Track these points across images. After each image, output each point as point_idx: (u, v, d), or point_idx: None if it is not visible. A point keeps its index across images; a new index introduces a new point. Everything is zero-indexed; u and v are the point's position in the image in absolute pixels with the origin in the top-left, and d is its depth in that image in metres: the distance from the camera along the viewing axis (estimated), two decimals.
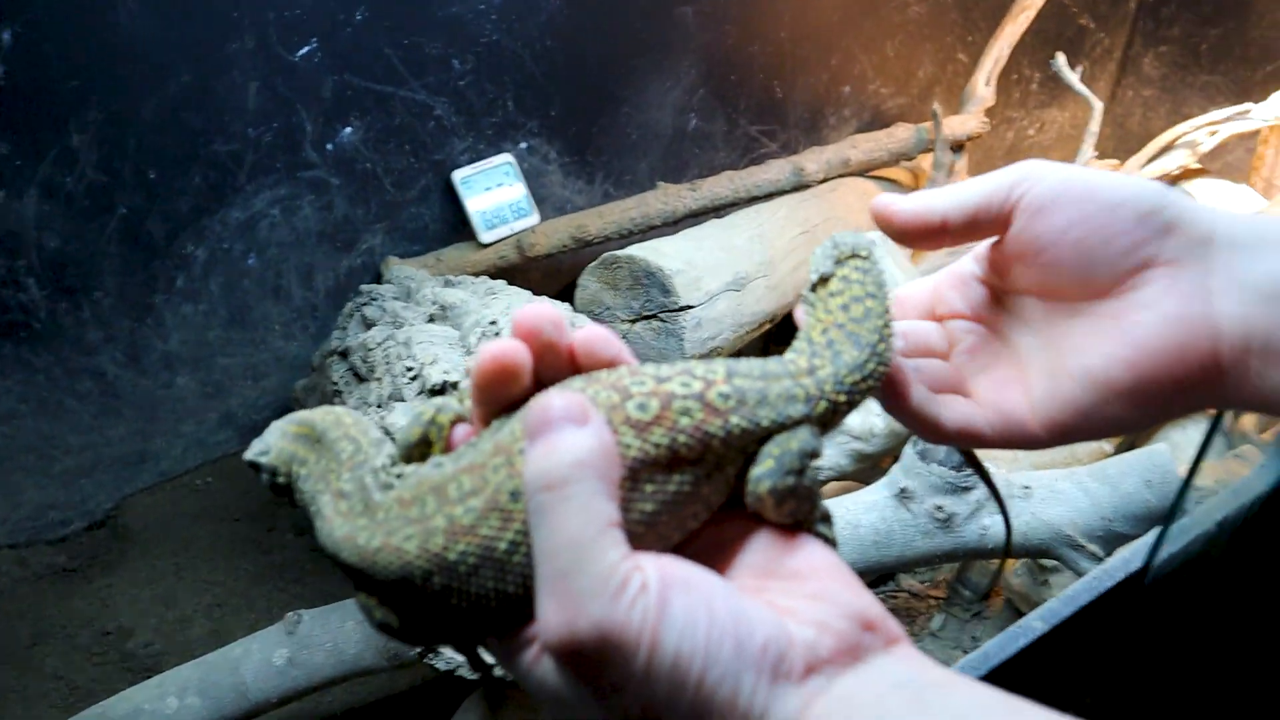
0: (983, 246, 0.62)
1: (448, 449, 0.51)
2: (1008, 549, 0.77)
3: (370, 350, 1.24)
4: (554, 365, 0.49)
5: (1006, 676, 1.03)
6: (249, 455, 0.57)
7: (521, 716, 1.30)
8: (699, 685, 0.41)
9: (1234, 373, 0.52)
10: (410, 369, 1.05)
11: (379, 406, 1.08)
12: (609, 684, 0.41)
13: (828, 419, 0.51)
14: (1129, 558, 1.16)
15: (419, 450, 0.51)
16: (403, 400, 1.03)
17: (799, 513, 0.49)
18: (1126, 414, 0.55)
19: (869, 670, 0.44)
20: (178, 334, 1.78)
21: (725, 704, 0.41)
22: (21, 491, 1.76)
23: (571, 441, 0.42)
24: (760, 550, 0.49)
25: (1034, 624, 1.06)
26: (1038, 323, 0.60)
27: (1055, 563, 1.52)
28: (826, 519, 0.52)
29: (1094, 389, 0.54)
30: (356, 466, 0.51)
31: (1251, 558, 1.21)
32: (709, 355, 1.48)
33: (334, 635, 1.29)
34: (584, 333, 0.50)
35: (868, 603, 0.46)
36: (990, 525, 1.25)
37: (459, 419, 0.51)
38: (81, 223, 1.62)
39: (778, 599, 0.46)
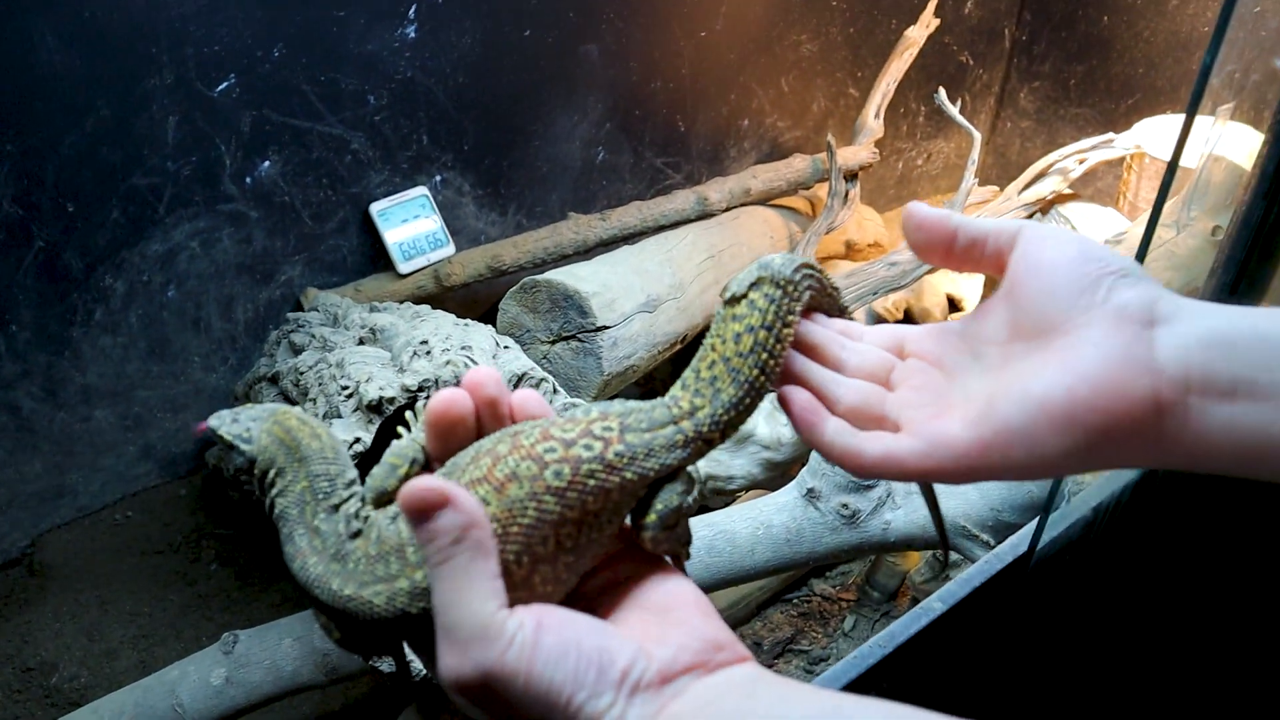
0: (973, 310, 0.66)
1: None
2: (946, 558, 0.87)
3: (302, 373, 1.28)
4: (495, 417, 0.60)
5: (911, 653, 1.12)
6: (224, 430, 0.62)
7: None
8: (568, 705, 0.51)
9: (1174, 413, 0.53)
10: (345, 388, 1.10)
11: None
12: (498, 708, 0.51)
13: (704, 452, 0.60)
14: (1016, 543, 1.26)
15: (389, 497, 0.59)
16: (340, 417, 1.08)
17: (674, 549, 0.61)
18: (1057, 443, 0.55)
19: (716, 677, 0.54)
20: (96, 367, 1.79)
21: (591, 716, 0.51)
22: None
23: (446, 522, 0.52)
24: (638, 589, 0.59)
25: (934, 605, 1.16)
26: (992, 362, 0.61)
27: (957, 559, 1.63)
28: (686, 547, 0.63)
29: (1028, 410, 0.55)
30: (330, 509, 0.59)
31: (1124, 539, 1.33)
32: (626, 372, 1.55)
33: (271, 653, 1.32)
34: (520, 394, 0.61)
35: (718, 628, 0.57)
36: (891, 520, 1.34)
37: (421, 469, 0.60)
38: None
39: (648, 628, 0.56)
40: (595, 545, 0.58)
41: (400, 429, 0.65)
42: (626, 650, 0.53)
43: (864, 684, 1.07)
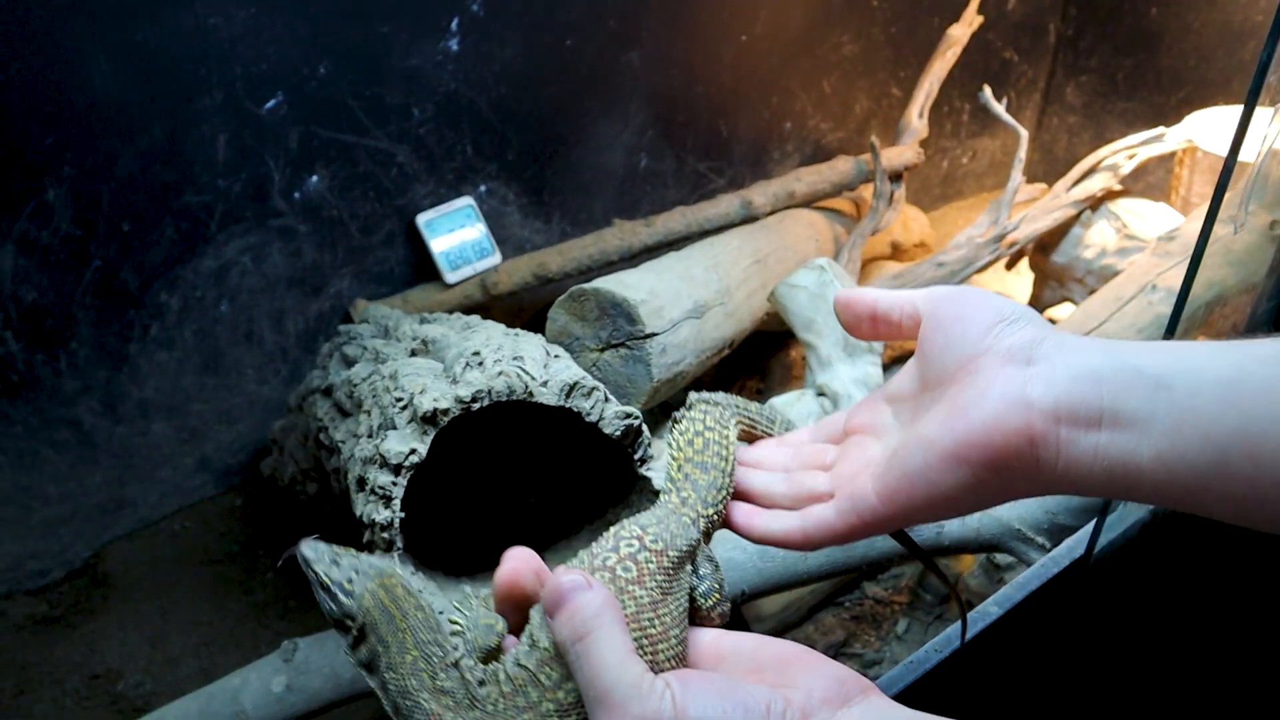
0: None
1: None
2: (963, 625, 0.93)
3: (355, 385, 1.30)
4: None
5: (967, 657, 1.11)
6: (323, 571, 0.67)
7: None
8: None
9: (1046, 443, 0.58)
10: (400, 399, 1.11)
11: (370, 436, 1.14)
12: None
13: (710, 530, 0.72)
14: (1073, 546, 1.25)
15: (494, 654, 0.67)
16: (395, 428, 1.10)
17: (723, 612, 0.70)
18: (950, 479, 0.60)
19: (853, 711, 0.57)
20: (153, 381, 1.82)
21: None
22: (0, 543, 1.79)
23: (585, 600, 0.58)
24: (744, 659, 0.64)
25: (990, 609, 1.15)
26: (905, 418, 0.69)
27: (1009, 562, 1.61)
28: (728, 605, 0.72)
29: (921, 453, 0.61)
30: (448, 667, 0.65)
31: (1182, 541, 1.31)
32: (675, 379, 1.56)
33: (330, 660, 1.33)
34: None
35: (836, 665, 0.61)
36: (945, 524, 1.33)
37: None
38: (57, 275, 1.66)
39: (772, 681, 0.60)
40: (678, 627, 0.65)
41: (458, 608, 0.73)
42: (763, 694, 0.56)
43: (920, 688, 1.06)
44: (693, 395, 0.79)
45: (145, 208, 1.70)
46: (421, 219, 1.94)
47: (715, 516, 0.72)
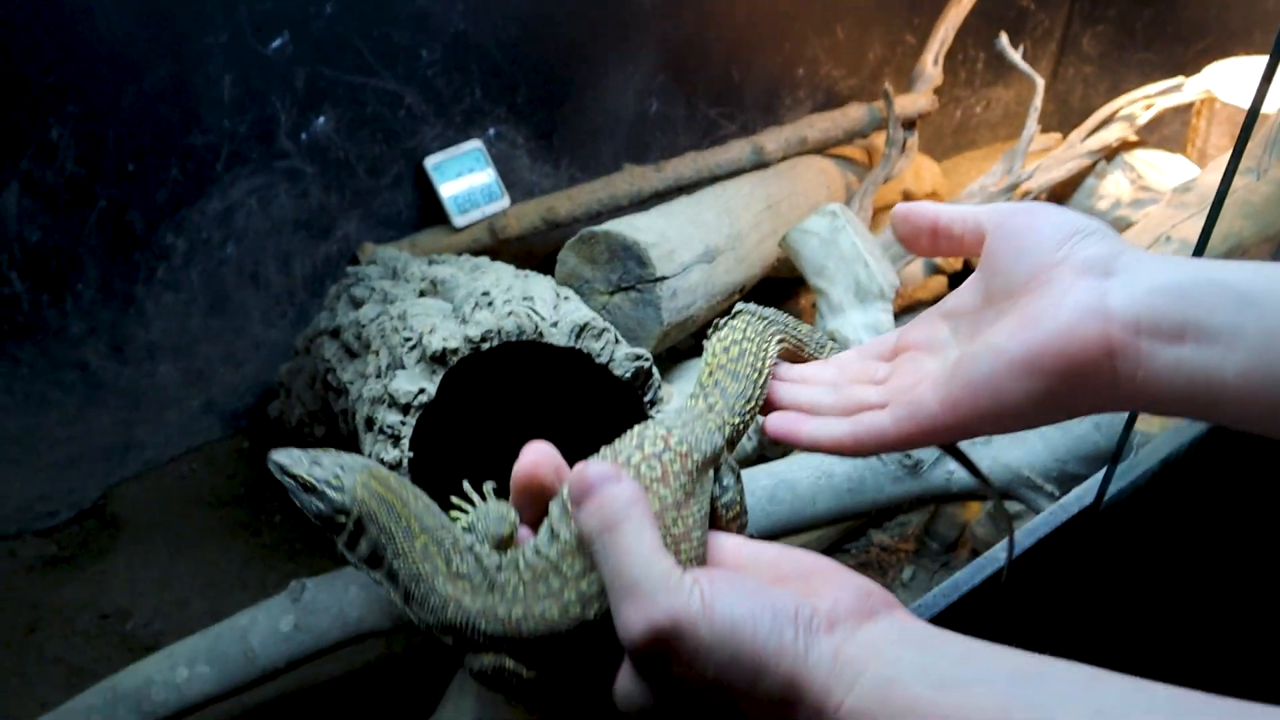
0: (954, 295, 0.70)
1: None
2: (1006, 521, 0.90)
3: (364, 326, 1.29)
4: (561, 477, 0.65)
5: (975, 603, 1.11)
6: (304, 473, 0.65)
7: None
8: (752, 642, 0.52)
9: (1125, 355, 0.56)
10: (409, 339, 1.10)
11: (379, 376, 1.14)
12: (684, 660, 0.53)
13: (735, 439, 0.71)
14: (1082, 494, 1.25)
15: (507, 542, 0.66)
16: (403, 368, 1.09)
17: (743, 524, 0.70)
18: (1019, 389, 0.58)
19: (879, 625, 0.56)
20: (159, 323, 1.82)
21: (774, 653, 0.53)
22: (8, 484, 1.79)
23: (615, 491, 0.56)
24: (768, 568, 0.62)
25: (999, 555, 1.15)
26: (965, 332, 0.67)
27: (1016, 510, 1.61)
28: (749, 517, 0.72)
29: (990, 362, 0.59)
30: (463, 550, 0.64)
31: (1191, 492, 1.31)
32: (685, 322, 1.55)
33: (338, 600, 1.34)
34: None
35: (863, 579, 0.59)
36: (955, 470, 1.33)
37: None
38: (62, 216, 1.65)
39: (798, 589, 0.58)
40: (700, 529, 0.64)
41: (469, 496, 0.72)
42: (791, 599, 0.55)
43: None
44: (740, 304, 0.77)
45: (150, 148, 1.68)
46: (430, 162, 1.92)
47: (741, 426, 0.71)
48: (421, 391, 1.05)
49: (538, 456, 0.64)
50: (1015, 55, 2.22)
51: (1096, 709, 0.47)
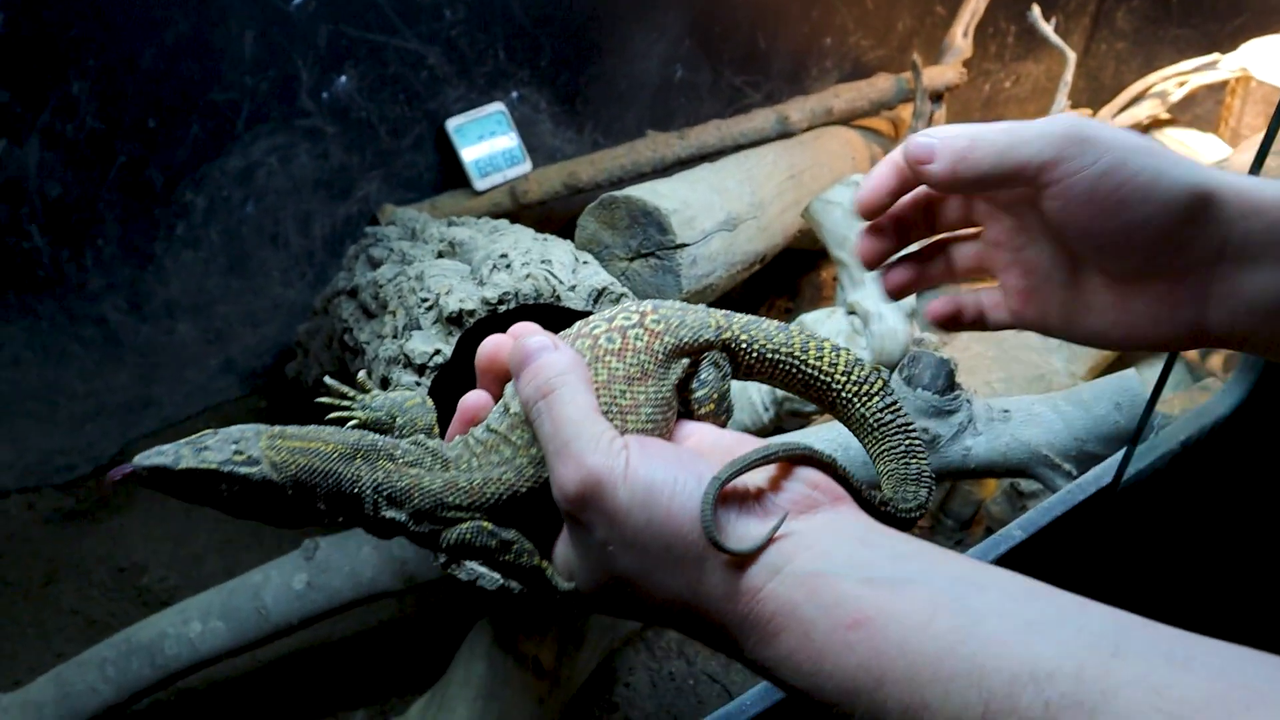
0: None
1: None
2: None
3: (381, 286, 1.28)
4: None
5: None
6: (201, 462, 0.60)
7: (527, 642, 1.36)
8: (668, 505, 0.53)
9: (1218, 343, 0.63)
10: (425, 300, 1.09)
11: (395, 337, 1.13)
12: (602, 520, 0.54)
13: (733, 352, 0.70)
14: (1100, 474, 1.23)
15: (432, 430, 0.68)
16: (420, 329, 1.08)
17: (722, 421, 0.69)
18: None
19: (818, 517, 0.55)
20: (178, 281, 1.82)
21: (689, 520, 0.53)
22: (28, 437, 1.80)
23: (552, 358, 0.58)
24: (722, 449, 0.61)
25: (1014, 532, 1.14)
26: (1057, 245, 0.65)
27: (1032, 489, 1.60)
28: (730, 416, 0.72)
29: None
30: (405, 449, 0.65)
31: (1211, 474, 1.29)
32: (704, 290, 1.53)
33: (351, 560, 1.34)
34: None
35: (817, 474, 0.58)
36: (972, 446, 1.32)
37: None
38: (83, 171, 1.65)
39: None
40: (661, 408, 0.65)
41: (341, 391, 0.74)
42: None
43: None
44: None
45: (171, 104, 1.67)
46: (451, 124, 1.91)
47: (743, 341, 0.70)
48: (437, 353, 1.05)
49: (499, 338, 0.66)
50: (1047, 28, 2.19)
51: (1028, 621, 0.46)
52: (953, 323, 0.74)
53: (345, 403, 0.72)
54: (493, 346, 0.66)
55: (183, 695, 1.48)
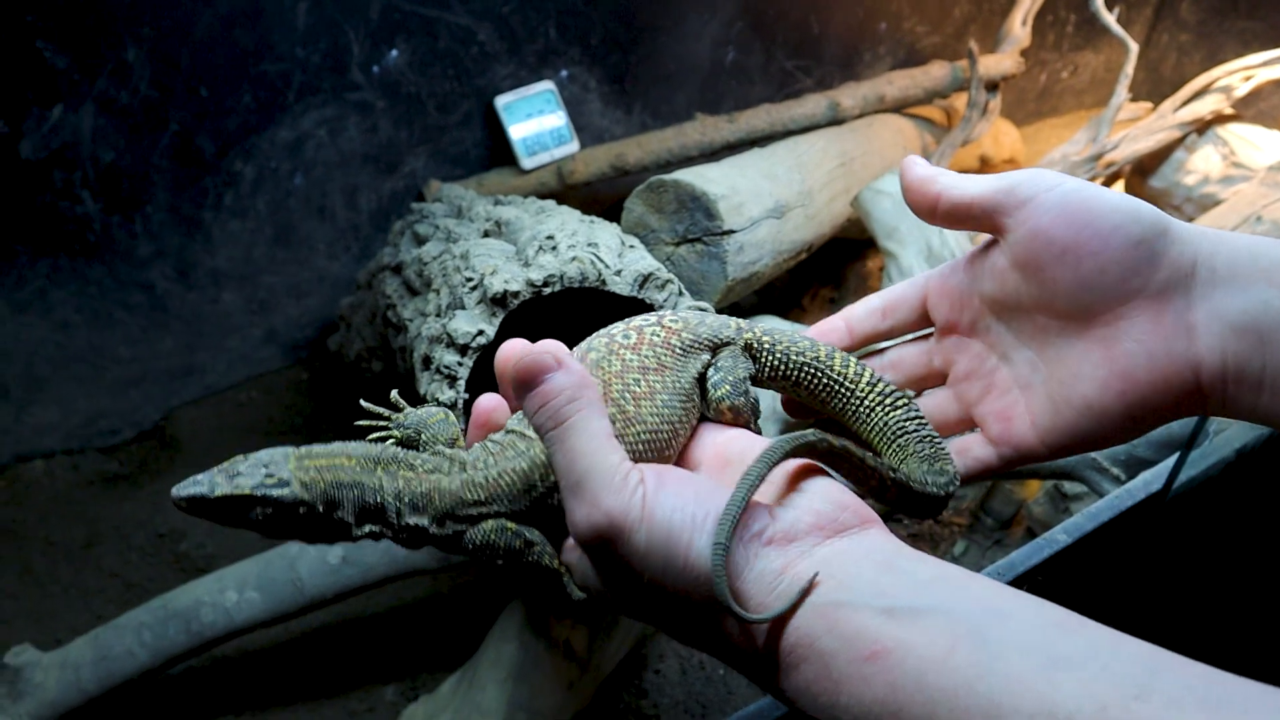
0: (975, 252, 0.67)
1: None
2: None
3: (426, 264, 1.28)
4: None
5: (1029, 585, 1.08)
6: (234, 489, 0.61)
7: (559, 626, 1.36)
8: (687, 550, 0.52)
9: (1214, 397, 0.58)
10: (470, 279, 1.09)
11: (438, 315, 1.13)
12: (621, 558, 0.53)
13: (754, 352, 0.70)
14: (1150, 480, 1.20)
15: (456, 442, 0.69)
16: (463, 309, 1.08)
17: (746, 420, 0.68)
18: (1121, 435, 0.62)
19: (843, 542, 0.55)
20: (225, 250, 1.83)
21: (708, 573, 0.52)
22: (74, 400, 1.82)
23: (559, 381, 0.56)
24: (748, 458, 0.59)
25: (1058, 536, 1.12)
26: (1029, 339, 0.65)
27: (1076, 491, 1.57)
28: (756, 419, 0.70)
29: (1093, 418, 0.61)
30: (422, 456, 0.66)
31: (1266, 484, 1.26)
32: (750, 278, 1.51)
33: None
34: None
35: (841, 490, 0.58)
36: None
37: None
38: (135, 137, 1.66)
39: (766, 488, 0.58)
40: (679, 397, 0.65)
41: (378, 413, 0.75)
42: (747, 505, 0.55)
43: None
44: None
45: (223, 73, 1.68)
46: (500, 101, 1.90)
47: (767, 344, 0.70)
48: (480, 333, 1.04)
49: (516, 345, 0.65)
50: (1109, 17, 2.13)
51: (1051, 657, 0.45)
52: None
53: (382, 423, 0.73)
54: (510, 353, 0.65)
55: (217, 663, 1.49)
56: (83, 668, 1.32)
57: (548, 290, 1.05)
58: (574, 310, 1.13)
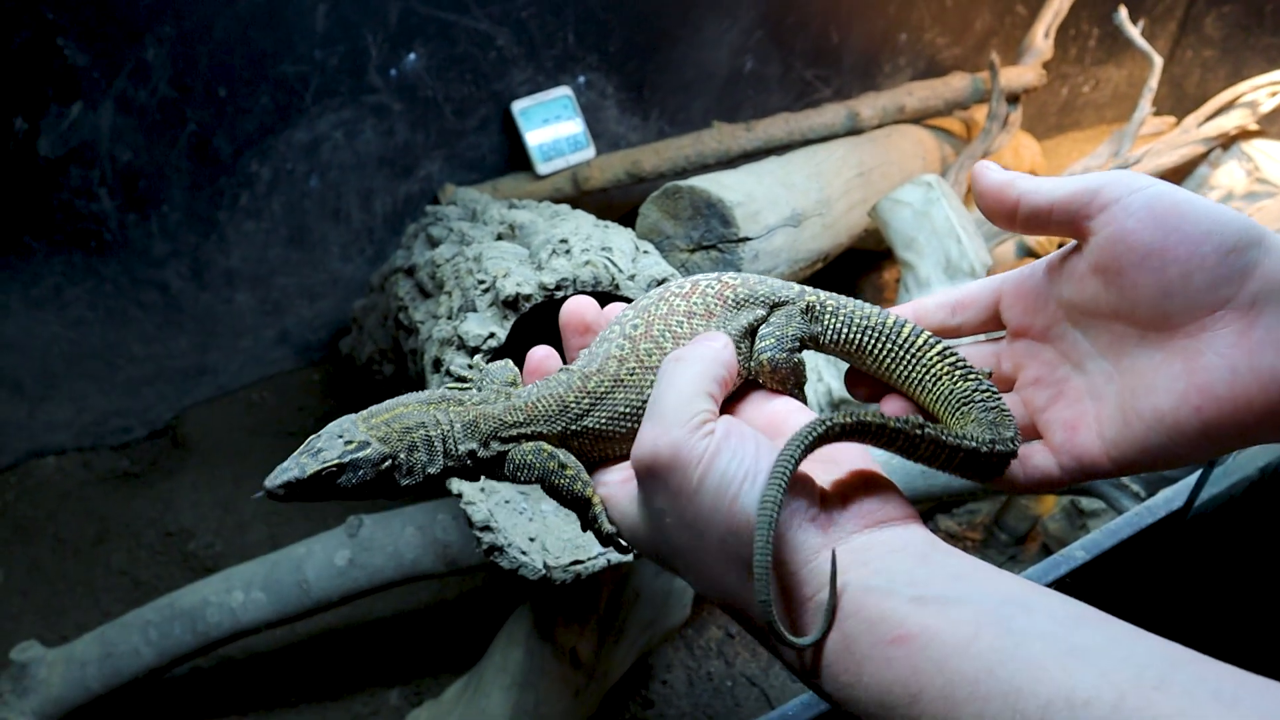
0: (1056, 257, 0.64)
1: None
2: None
3: (439, 266, 1.27)
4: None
5: None
6: (323, 463, 0.63)
7: (566, 633, 1.34)
8: (733, 501, 0.53)
9: None
10: (482, 282, 1.08)
11: (449, 318, 1.12)
12: (668, 493, 0.55)
13: (815, 315, 0.69)
14: (1171, 497, 1.18)
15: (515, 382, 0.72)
16: (475, 311, 1.07)
17: (788, 382, 0.68)
18: (1193, 453, 0.57)
19: (883, 533, 0.55)
20: (239, 251, 1.83)
21: (750, 523, 0.53)
22: (87, 397, 1.82)
23: (708, 343, 0.62)
24: (787, 429, 0.62)
25: (1076, 553, 1.10)
26: (1105, 349, 0.61)
27: (1094, 507, 1.55)
28: (801, 388, 0.70)
29: (1164, 433, 0.57)
30: (474, 393, 0.69)
31: None
32: None
33: (394, 540, 1.34)
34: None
35: (891, 487, 0.58)
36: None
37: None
38: (153, 137, 1.66)
39: (818, 474, 0.59)
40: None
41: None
42: (798, 477, 0.56)
43: None
44: None
45: (241, 74, 1.68)
46: (517, 106, 1.89)
47: (831, 308, 0.69)
48: (491, 336, 1.03)
49: (582, 300, 0.70)
50: (1134, 30, 2.12)
51: (1072, 647, 0.45)
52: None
53: (467, 385, 0.75)
54: (577, 306, 0.69)
55: (222, 663, 1.49)
56: (88, 665, 1.32)
57: (560, 294, 1.04)
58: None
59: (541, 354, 0.71)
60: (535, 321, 1.07)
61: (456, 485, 1.06)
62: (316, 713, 1.45)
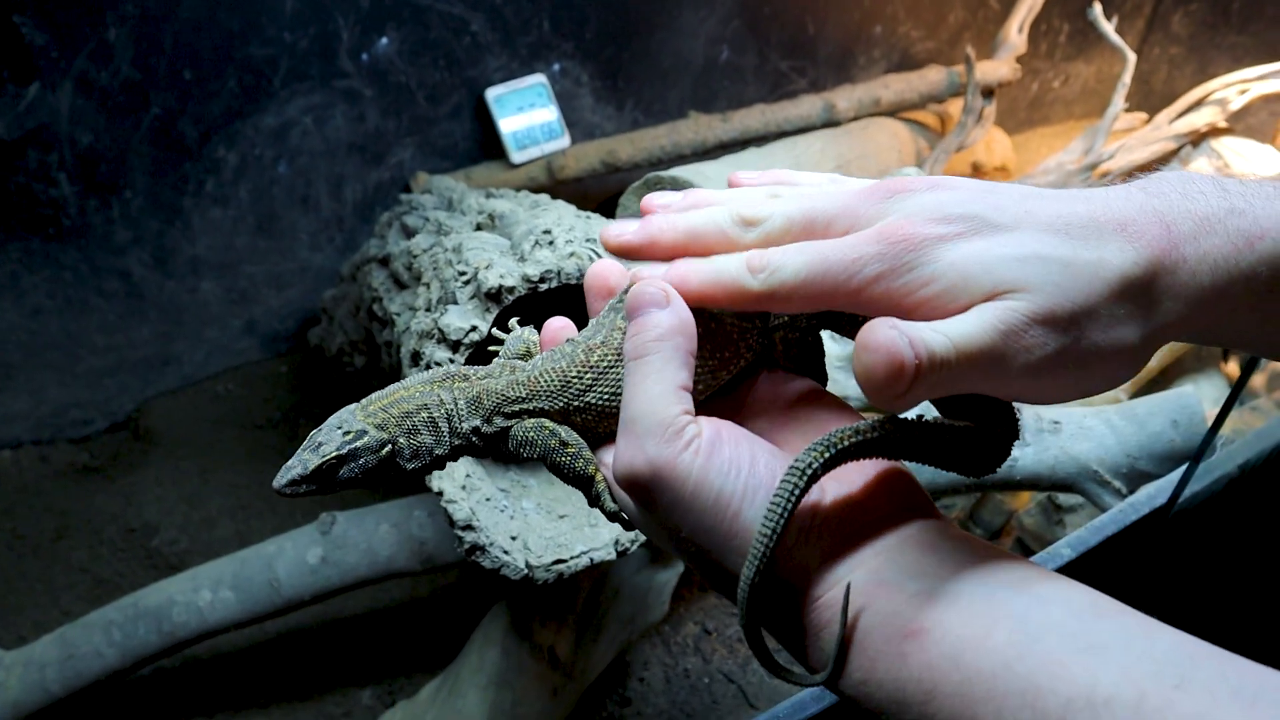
0: None
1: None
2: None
3: (415, 256, 1.24)
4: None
5: None
6: (326, 456, 0.62)
7: (544, 631, 1.32)
8: (734, 517, 0.51)
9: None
10: (463, 273, 1.05)
11: (429, 310, 1.09)
12: (660, 508, 0.52)
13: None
14: (1154, 494, 1.18)
15: (529, 354, 0.70)
16: (455, 303, 1.04)
17: (795, 356, 0.64)
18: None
19: (894, 526, 0.52)
20: (205, 238, 1.78)
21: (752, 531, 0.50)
22: (45, 389, 1.77)
23: (654, 320, 0.54)
24: (813, 424, 0.59)
25: (1062, 550, 1.09)
26: None
27: (1071, 503, 1.55)
28: (821, 365, 0.66)
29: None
30: (476, 368, 0.67)
31: (1270, 500, 1.24)
32: None
33: (368, 537, 1.30)
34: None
35: (903, 476, 0.55)
36: (1019, 457, 1.27)
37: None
38: (115, 120, 1.61)
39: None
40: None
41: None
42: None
43: None
44: None
45: (208, 56, 1.63)
46: (491, 93, 1.86)
47: None
48: (473, 329, 1.01)
49: (611, 262, 0.65)
50: (1108, 26, 2.12)
51: (1090, 642, 0.44)
52: None
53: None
54: (602, 268, 0.65)
55: (188, 664, 1.45)
56: (48, 667, 1.27)
57: (544, 287, 1.01)
58: (570, 307, 1.09)
59: (558, 325, 0.68)
60: (516, 314, 1.04)
61: (437, 483, 1.03)
62: (286, 713, 1.42)
